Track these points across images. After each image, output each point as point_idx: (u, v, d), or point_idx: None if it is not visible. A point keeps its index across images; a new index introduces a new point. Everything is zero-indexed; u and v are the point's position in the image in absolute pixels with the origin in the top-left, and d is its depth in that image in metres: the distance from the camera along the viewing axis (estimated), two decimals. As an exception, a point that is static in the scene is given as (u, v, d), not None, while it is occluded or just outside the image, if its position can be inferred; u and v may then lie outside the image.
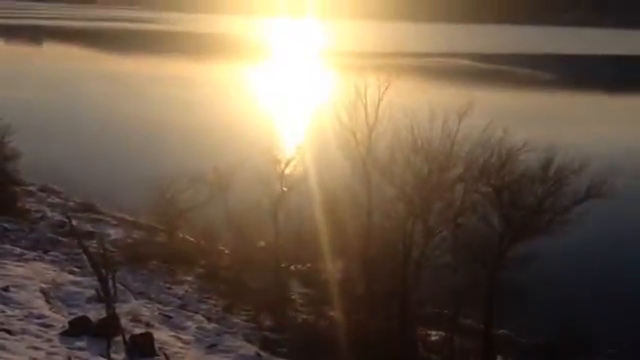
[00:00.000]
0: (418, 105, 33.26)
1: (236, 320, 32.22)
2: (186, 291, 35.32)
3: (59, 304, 29.35)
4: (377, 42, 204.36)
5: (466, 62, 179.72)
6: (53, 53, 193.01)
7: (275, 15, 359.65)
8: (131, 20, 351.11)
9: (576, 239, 33.41)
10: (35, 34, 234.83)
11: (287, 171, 36.41)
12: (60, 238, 41.39)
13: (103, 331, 25.53)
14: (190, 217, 40.36)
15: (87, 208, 48.63)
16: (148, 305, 31.68)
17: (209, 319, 31.55)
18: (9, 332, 24.75)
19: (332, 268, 33.76)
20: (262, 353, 28.30)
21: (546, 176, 28.95)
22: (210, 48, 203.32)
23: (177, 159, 57.14)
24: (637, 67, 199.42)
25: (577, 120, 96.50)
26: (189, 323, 30.44)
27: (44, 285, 31.33)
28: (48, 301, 29.26)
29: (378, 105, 32.66)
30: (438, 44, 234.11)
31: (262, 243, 37.22)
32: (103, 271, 30.33)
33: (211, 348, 27.99)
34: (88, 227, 44.10)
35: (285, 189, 35.92)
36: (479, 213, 30.20)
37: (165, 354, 25.41)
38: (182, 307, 32.89)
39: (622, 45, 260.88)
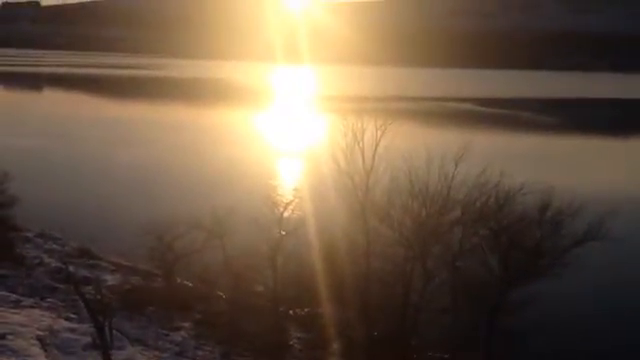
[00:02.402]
0: (416, 149, 33.50)
1: (234, 367, 31.83)
2: (183, 337, 34.95)
3: (55, 351, 29.04)
4: (375, 86, 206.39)
5: (467, 106, 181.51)
6: (52, 99, 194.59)
7: (272, 61, 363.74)
8: (130, 67, 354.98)
9: (575, 282, 33.31)
10: (34, 81, 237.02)
11: (285, 215, 36.41)
12: (57, 284, 41.12)
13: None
14: (187, 262, 40.15)
15: (84, 254, 48.40)
16: (145, 352, 31.34)
17: (206, 366, 31.17)
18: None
19: (331, 312, 33.51)
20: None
21: (543, 219, 29.04)
22: (208, 94, 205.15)
23: (174, 204, 57.11)
24: (634, 110, 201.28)
25: (575, 163, 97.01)
26: (186, 370, 30.06)
27: (40, 332, 31.03)
28: (44, 349, 28.95)
29: (375, 149, 32.88)
30: (438, 88, 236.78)
31: (260, 288, 36.99)
32: (100, 318, 30.05)
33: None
34: (85, 273, 43.78)
35: (283, 233, 35.85)
36: (477, 256, 30.18)
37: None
38: (179, 354, 32.51)
39: (619, 89, 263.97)
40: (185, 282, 41.69)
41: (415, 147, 34.93)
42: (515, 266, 28.95)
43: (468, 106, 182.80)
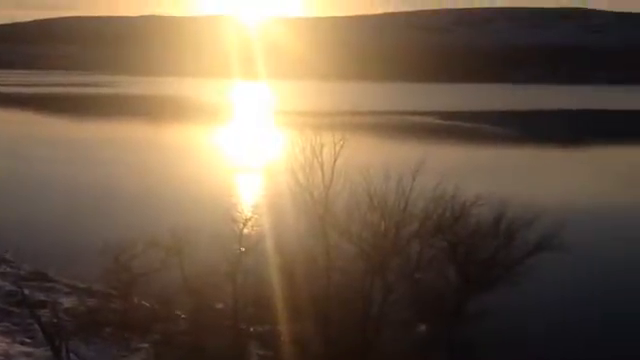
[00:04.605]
0: (374, 163, 33.73)
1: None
2: (142, 359, 34.37)
3: (9, 377, 28.26)
4: (333, 101, 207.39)
5: (426, 119, 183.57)
6: (3, 118, 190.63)
7: (229, 77, 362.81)
8: (85, 84, 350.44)
9: (530, 292, 33.77)
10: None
11: (244, 232, 36.18)
12: (11, 308, 40.13)
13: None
14: (145, 282, 39.51)
15: (39, 276, 47.43)
16: (103, 375, 30.72)
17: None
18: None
19: (291, 329, 33.35)
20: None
21: (498, 230, 29.49)
22: (164, 111, 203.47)
23: (131, 224, 56.34)
24: (589, 121, 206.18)
25: (531, 174, 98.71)
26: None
27: (-6, 358, 30.19)
28: (-2, 374, 28.17)
29: (334, 164, 33.01)
30: (397, 102, 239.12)
31: (220, 305, 36.63)
32: (56, 341, 29.40)
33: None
34: (40, 296, 42.92)
35: (243, 250, 35.61)
36: (436, 268, 30.46)
37: None
38: (138, 376, 31.93)
39: (576, 100, 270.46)
40: (143, 302, 41.04)
41: (374, 161, 35.22)
42: (472, 277, 29.32)
43: (427, 119, 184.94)
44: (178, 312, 39.27)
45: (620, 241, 58.41)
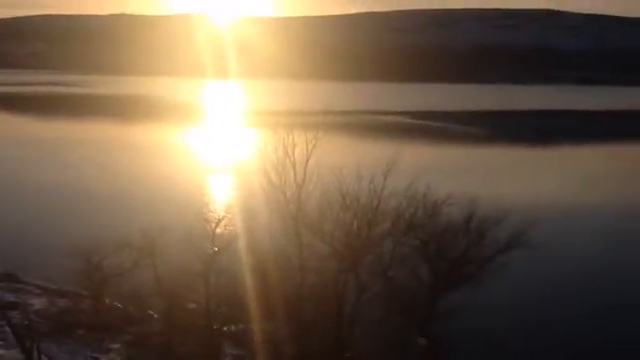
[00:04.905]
0: (347, 162, 33.93)
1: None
2: (114, 360, 34.20)
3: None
4: (305, 101, 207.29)
5: (398, 119, 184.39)
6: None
7: (201, 76, 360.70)
8: (54, 84, 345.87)
9: (500, 289, 34.24)
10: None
11: (217, 231, 36.15)
12: (-20, 310, 39.54)
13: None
14: (117, 283, 39.33)
15: (9, 278, 46.85)
16: (74, 376, 30.51)
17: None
18: None
19: (265, 328, 33.42)
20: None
21: (469, 228, 29.92)
22: (136, 111, 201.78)
23: (103, 224, 55.92)
24: (557, 121, 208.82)
25: (501, 173, 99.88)
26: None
27: (-36, 360, 29.84)
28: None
29: (306, 163, 33.15)
30: (369, 102, 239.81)
31: (193, 306, 36.54)
32: (27, 343, 29.14)
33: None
34: (11, 297, 42.42)
35: (216, 250, 35.58)
36: (408, 266, 30.79)
37: None
38: (111, 377, 31.77)
39: (544, 100, 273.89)
40: (115, 303, 40.81)
41: (346, 160, 35.43)
42: (444, 274, 29.70)
43: (399, 119, 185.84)
44: (151, 312, 39.11)
45: (588, 238, 59.46)
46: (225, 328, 37.01)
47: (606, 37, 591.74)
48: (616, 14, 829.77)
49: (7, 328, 33.21)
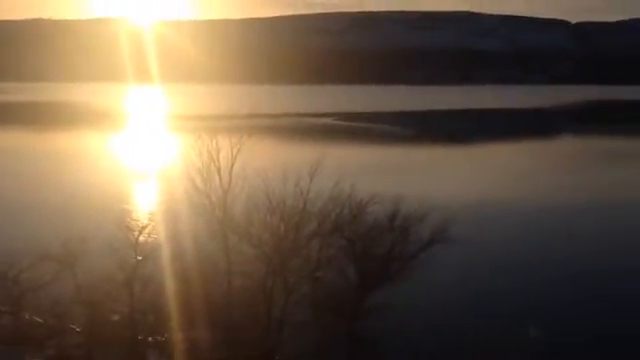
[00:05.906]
0: (272, 165, 33.74)
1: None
2: (36, 376, 32.88)
3: None
4: (229, 104, 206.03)
5: (323, 121, 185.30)
6: None
7: (123, 81, 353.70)
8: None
9: (425, 284, 34.60)
10: None
11: (141, 239, 35.29)
12: None
13: None
14: (37, 296, 37.83)
15: None
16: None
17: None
18: None
19: (193, 336, 32.81)
20: None
21: (393, 226, 30.26)
22: (55, 118, 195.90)
23: (20, 235, 53.67)
24: (481, 120, 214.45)
25: (424, 172, 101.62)
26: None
27: None
28: None
29: (232, 167, 32.79)
30: (294, 105, 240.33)
31: (117, 317, 35.54)
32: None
33: None
34: None
35: (140, 258, 34.70)
36: (335, 266, 30.87)
37: None
38: (31, 394, 30.50)
39: (468, 100, 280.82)
40: (35, 317, 39.27)
41: (272, 163, 35.28)
42: (370, 273, 29.91)
43: (323, 120, 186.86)
44: (72, 326, 37.83)
45: (509, 234, 61.01)
46: (150, 338, 36.14)
47: (520, 38, 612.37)
48: (529, 15, 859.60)
49: None
